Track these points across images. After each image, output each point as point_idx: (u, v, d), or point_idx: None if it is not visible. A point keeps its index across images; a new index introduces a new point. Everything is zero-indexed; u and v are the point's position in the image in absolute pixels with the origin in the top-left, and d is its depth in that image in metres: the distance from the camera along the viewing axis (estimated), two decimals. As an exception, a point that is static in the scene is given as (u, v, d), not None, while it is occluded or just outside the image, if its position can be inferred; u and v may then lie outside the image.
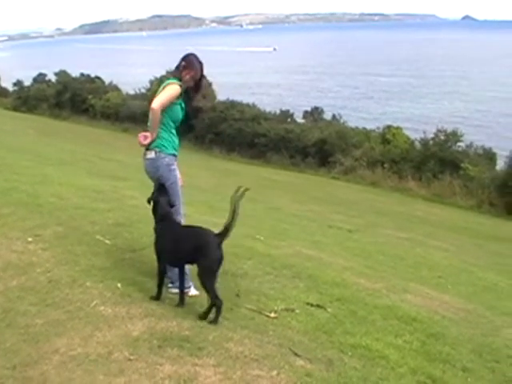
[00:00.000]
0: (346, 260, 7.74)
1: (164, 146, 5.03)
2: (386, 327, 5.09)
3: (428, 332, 5.20)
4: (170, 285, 5.09)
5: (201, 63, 5.22)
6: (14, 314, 4.13)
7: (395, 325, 5.20)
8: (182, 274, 4.80)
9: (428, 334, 5.14)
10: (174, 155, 5.14)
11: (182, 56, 5.28)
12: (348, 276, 6.65)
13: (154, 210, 4.90)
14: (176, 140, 5.18)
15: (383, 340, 4.74)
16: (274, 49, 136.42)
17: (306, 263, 6.83)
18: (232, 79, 70.90)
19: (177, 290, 4.93)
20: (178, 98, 5.01)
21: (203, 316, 4.44)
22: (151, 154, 5.02)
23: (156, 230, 4.86)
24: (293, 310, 5.05)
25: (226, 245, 6.84)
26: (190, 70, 5.11)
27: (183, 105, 5.15)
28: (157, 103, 4.87)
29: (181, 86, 5.01)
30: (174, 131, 5.14)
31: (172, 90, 4.96)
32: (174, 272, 4.97)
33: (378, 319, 5.27)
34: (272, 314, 4.85)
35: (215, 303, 4.41)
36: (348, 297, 5.75)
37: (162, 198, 4.85)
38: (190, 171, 16.94)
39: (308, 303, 5.32)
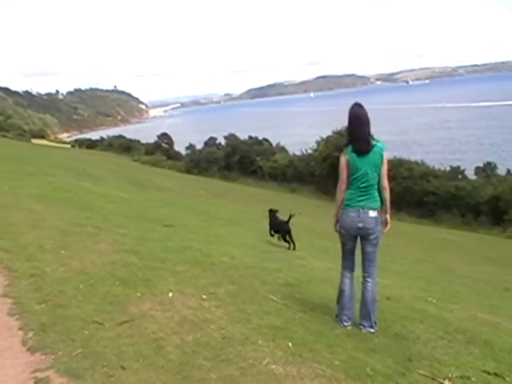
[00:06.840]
0: (526, 326, 7.23)
1: (380, 205, 5.80)
2: None
3: None
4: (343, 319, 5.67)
5: None
6: (189, 368, 4.29)
7: None
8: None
9: None
10: None
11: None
12: (529, 344, 6.21)
13: None
14: None
15: None
16: None
17: (482, 328, 6.48)
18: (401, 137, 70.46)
19: (348, 323, 5.61)
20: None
21: None
22: (375, 213, 5.71)
23: None
24: (468, 378, 4.77)
25: (397, 307, 6.71)
26: None
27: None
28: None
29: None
30: None
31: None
32: (351, 310, 5.62)
33: None
34: (446, 381, 4.63)
35: None
36: (529, 366, 5.35)
37: None
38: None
39: (484, 371, 5.00)
